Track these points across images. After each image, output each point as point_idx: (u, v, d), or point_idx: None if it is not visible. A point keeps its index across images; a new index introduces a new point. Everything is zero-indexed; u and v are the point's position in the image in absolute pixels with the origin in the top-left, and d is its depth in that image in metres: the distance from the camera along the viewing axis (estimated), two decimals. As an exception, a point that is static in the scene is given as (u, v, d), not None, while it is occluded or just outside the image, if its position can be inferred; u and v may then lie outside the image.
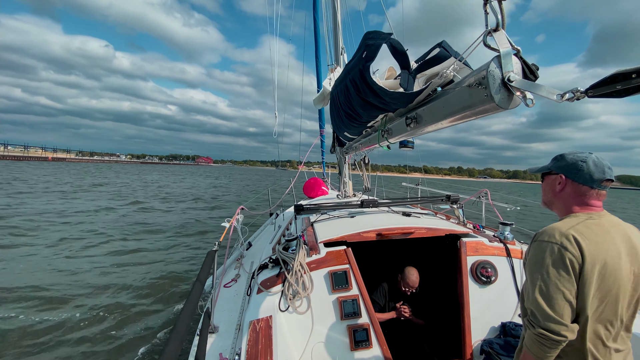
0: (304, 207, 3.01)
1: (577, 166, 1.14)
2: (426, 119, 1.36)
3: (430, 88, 1.24)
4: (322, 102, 4.33)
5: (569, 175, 1.16)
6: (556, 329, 1.00)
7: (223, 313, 2.42)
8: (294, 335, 1.99)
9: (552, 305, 1.01)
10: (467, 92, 0.99)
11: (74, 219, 10.63)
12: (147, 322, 4.36)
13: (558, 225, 1.11)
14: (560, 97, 0.74)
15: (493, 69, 0.87)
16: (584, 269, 1.02)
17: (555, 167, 1.20)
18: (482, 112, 0.97)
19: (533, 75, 0.85)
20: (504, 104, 0.87)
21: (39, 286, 5.25)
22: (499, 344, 2.02)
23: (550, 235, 1.07)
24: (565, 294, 1.01)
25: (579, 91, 0.71)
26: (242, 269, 3.11)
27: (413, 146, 2.50)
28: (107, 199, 16.27)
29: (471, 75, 0.96)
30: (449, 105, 1.14)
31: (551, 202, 1.26)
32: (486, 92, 0.88)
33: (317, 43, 7.02)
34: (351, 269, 2.20)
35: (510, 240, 2.51)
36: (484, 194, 3.65)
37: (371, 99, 1.62)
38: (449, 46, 1.28)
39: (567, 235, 1.05)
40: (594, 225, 1.09)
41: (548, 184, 1.25)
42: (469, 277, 2.25)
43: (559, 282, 1.01)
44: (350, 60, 1.85)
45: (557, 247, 1.03)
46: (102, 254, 7.20)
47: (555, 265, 1.02)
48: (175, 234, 9.56)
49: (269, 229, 4.64)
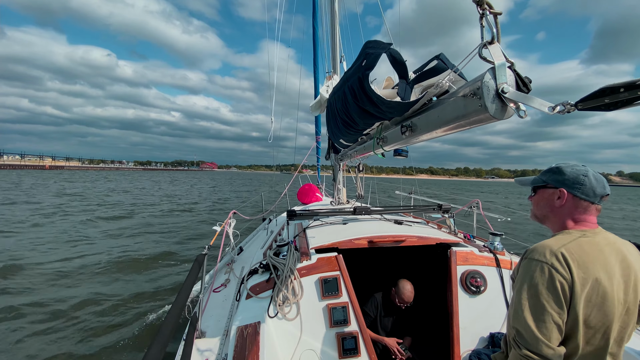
0: (296, 212, 3.00)
1: (579, 180, 1.09)
2: (421, 128, 1.38)
3: (426, 98, 1.27)
4: (319, 109, 4.36)
5: (570, 190, 1.10)
6: (543, 352, 0.96)
7: (211, 318, 2.37)
8: (282, 342, 1.96)
9: (539, 327, 0.97)
10: (462, 102, 1.01)
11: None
12: (132, 326, 4.24)
13: (549, 243, 1.06)
14: (552, 110, 0.77)
15: (487, 80, 0.89)
16: (574, 292, 0.98)
17: (553, 181, 1.14)
18: (476, 122, 1.00)
19: (526, 88, 0.87)
20: (498, 115, 0.89)
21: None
22: (487, 355, 2.02)
23: (541, 254, 1.03)
24: (553, 316, 0.97)
25: (569, 104, 0.73)
26: (232, 274, 3.07)
27: (407, 155, 2.54)
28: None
29: (466, 86, 0.99)
30: (444, 114, 1.16)
31: (546, 217, 1.20)
32: (480, 102, 0.90)
33: (315, 50, 7.10)
34: (342, 275, 2.18)
35: (500, 251, 2.53)
36: (475, 204, 3.70)
37: (368, 107, 1.64)
38: (446, 59, 1.31)
39: (557, 255, 1.00)
40: (586, 244, 1.05)
41: (544, 198, 1.18)
42: (458, 286, 2.26)
43: (547, 303, 0.97)
44: (349, 68, 1.88)
45: (547, 267, 0.99)
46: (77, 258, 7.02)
47: (544, 286, 0.98)
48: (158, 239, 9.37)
49: (262, 234, 4.61)
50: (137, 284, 5.70)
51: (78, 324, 4.21)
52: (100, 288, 5.43)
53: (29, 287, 5.25)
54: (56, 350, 3.64)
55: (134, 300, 5.02)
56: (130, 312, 4.63)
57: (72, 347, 3.74)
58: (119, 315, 4.53)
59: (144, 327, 4.21)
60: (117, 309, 4.69)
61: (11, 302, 4.63)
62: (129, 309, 4.72)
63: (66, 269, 6.21)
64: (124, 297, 5.08)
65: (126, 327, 4.22)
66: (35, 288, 5.26)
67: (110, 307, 4.75)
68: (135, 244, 8.63)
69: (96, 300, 4.91)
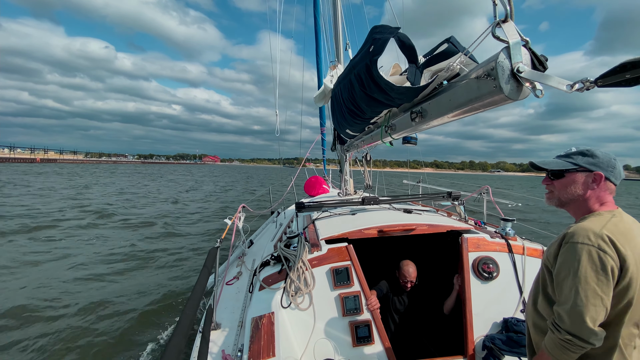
0: (305, 204, 3.01)
1: (612, 164, 1.11)
2: (432, 113, 1.36)
3: (437, 82, 1.24)
4: (323, 100, 4.32)
5: (606, 174, 1.11)
6: (586, 336, 0.97)
7: (225, 310, 2.42)
8: (296, 332, 2.00)
9: (588, 312, 0.97)
10: (474, 84, 0.99)
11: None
12: (151, 319, 4.37)
13: (590, 226, 1.05)
14: (570, 88, 0.75)
15: (502, 60, 0.87)
16: (622, 272, 0.98)
17: (589, 165, 1.13)
18: (491, 103, 0.97)
19: (542, 66, 0.85)
20: (513, 95, 0.87)
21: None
22: (500, 340, 2.03)
23: (585, 237, 1.02)
24: (603, 299, 0.97)
25: (589, 81, 0.71)
26: (244, 267, 3.12)
27: (416, 142, 2.51)
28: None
29: (479, 67, 0.97)
30: (455, 97, 1.14)
31: (573, 200, 1.18)
32: (495, 83, 0.88)
33: (317, 40, 7.00)
34: (352, 265, 2.20)
35: (512, 236, 2.52)
36: (485, 190, 3.65)
37: (376, 94, 1.62)
38: (457, 41, 1.28)
39: (603, 237, 1.00)
40: (620, 223, 1.06)
41: (574, 182, 1.15)
42: (470, 273, 2.26)
43: (598, 287, 0.97)
44: (355, 56, 1.85)
45: (595, 249, 0.98)
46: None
47: (594, 270, 0.97)
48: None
49: (271, 227, 4.64)
50: (147, 281, 5.83)
51: (97, 320, 4.35)
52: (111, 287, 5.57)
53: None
54: (83, 343, 3.78)
55: (145, 295, 5.15)
56: (144, 307, 4.76)
57: (93, 339, 3.88)
58: (134, 308, 4.66)
59: (162, 319, 4.34)
60: (128, 303, 4.83)
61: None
62: (141, 303, 4.86)
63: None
64: (135, 292, 5.22)
65: (143, 320, 4.35)
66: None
67: (123, 301, 4.89)
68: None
69: (106, 299, 5.06)
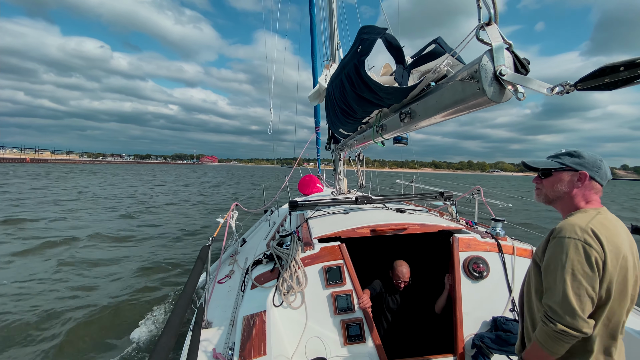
0: (298, 203, 3.01)
1: (597, 164, 1.17)
2: (420, 114, 1.36)
3: (424, 83, 1.25)
4: (318, 99, 4.31)
5: (591, 173, 1.16)
6: (579, 326, 1.01)
7: (217, 309, 2.41)
8: (288, 330, 2.00)
9: (576, 303, 1.01)
10: (459, 86, 1.00)
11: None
12: (141, 317, 4.33)
13: (576, 221, 1.10)
14: (551, 91, 0.75)
15: (485, 63, 0.87)
16: (606, 265, 1.02)
17: (575, 164, 1.19)
18: (475, 105, 0.98)
19: (524, 70, 0.86)
20: (496, 98, 0.88)
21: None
22: (490, 338, 2.05)
23: (571, 232, 1.06)
24: (588, 290, 1.01)
25: (569, 84, 0.72)
26: (236, 265, 3.11)
27: (407, 142, 2.52)
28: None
29: (464, 69, 0.97)
30: (442, 99, 1.14)
31: (560, 198, 1.24)
32: (478, 85, 0.89)
33: (312, 39, 6.99)
34: (345, 264, 2.21)
35: (502, 236, 2.54)
36: (476, 191, 3.68)
37: (366, 94, 1.62)
38: (444, 42, 1.29)
39: (588, 231, 1.05)
40: (604, 220, 1.11)
41: (561, 180, 1.22)
42: (461, 272, 2.28)
43: (584, 279, 1.01)
44: (345, 55, 1.85)
45: (580, 243, 1.03)
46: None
47: (580, 262, 1.02)
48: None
49: (264, 226, 4.63)
50: (140, 277, 5.79)
51: (83, 317, 4.30)
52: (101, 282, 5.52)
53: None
54: (67, 346, 3.73)
55: (139, 292, 5.11)
56: (136, 304, 4.73)
57: (80, 339, 3.83)
58: (126, 308, 4.62)
59: (152, 318, 4.30)
60: (123, 302, 4.78)
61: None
62: (135, 300, 4.82)
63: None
64: (129, 290, 5.17)
65: (134, 318, 4.31)
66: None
67: (118, 299, 4.84)
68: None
69: (100, 293, 5.00)
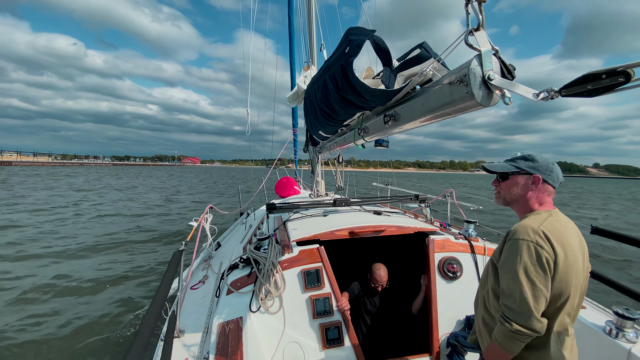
0: (276, 205, 2.95)
1: (549, 168, 1.24)
2: (405, 117, 1.38)
3: (410, 86, 1.26)
4: (296, 101, 4.28)
5: (543, 177, 1.23)
6: (532, 326, 1.05)
7: (190, 316, 2.29)
8: (265, 336, 1.94)
9: (530, 302, 1.05)
10: (447, 89, 1.02)
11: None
12: (109, 328, 4.02)
13: (528, 223, 1.15)
14: (536, 96, 0.78)
15: (474, 67, 0.90)
16: (557, 265, 1.07)
17: (530, 168, 1.25)
18: (462, 109, 1.00)
19: (510, 75, 0.89)
20: (484, 101, 0.90)
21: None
22: (464, 337, 2.11)
23: (524, 233, 1.11)
24: (542, 290, 1.05)
25: (553, 90, 0.75)
26: (210, 270, 2.98)
27: (387, 145, 2.56)
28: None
29: (452, 73, 0.99)
30: (429, 102, 1.16)
31: (516, 200, 1.29)
32: (467, 89, 0.91)
33: (291, 40, 6.94)
34: (324, 267, 2.19)
35: (474, 238, 2.64)
36: (449, 193, 3.82)
37: (351, 96, 1.61)
38: (429, 47, 1.32)
39: (539, 233, 1.09)
40: (555, 222, 1.17)
41: (516, 183, 1.27)
42: (436, 273, 2.34)
43: (537, 279, 1.05)
44: (330, 57, 1.83)
45: (532, 245, 1.08)
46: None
47: (532, 263, 1.06)
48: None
49: (240, 229, 4.50)
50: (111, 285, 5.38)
51: (52, 328, 3.92)
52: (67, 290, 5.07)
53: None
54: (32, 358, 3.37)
55: (110, 301, 4.75)
56: (106, 312, 4.39)
57: (46, 351, 3.48)
58: (95, 317, 4.27)
59: (121, 327, 4.01)
60: (92, 310, 4.42)
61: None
62: (104, 309, 4.47)
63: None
64: (99, 298, 4.79)
65: (102, 328, 4.00)
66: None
67: (86, 308, 4.47)
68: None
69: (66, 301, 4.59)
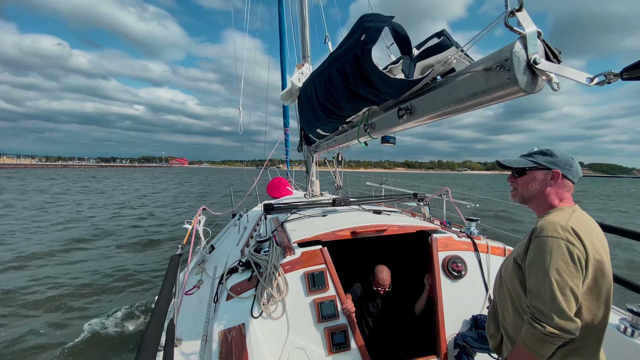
0: (274, 206, 2.84)
1: (569, 163, 1.19)
2: (423, 109, 1.31)
3: (432, 75, 1.19)
4: (290, 99, 4.17)
5: (563, 172, 1.18)
6: (567, 327, 0.99)
7: (186, 323, 2.15)
8: (269, 343, 1.85)
9: (565, 302, 0.99)
10: (482, 76, 0.95)
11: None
12: (107, 340, 3.82)
13: (556, 219, 1.09)
14: (590, 81, 0.72)
15: (518, 50, 0.83)
16: (588, 263, 1.02)
17: (548, 163, 1.20)
18: (500, 97, 0.93)
19: (556, 59, 0.83)
20: (528, 88, 0.83)
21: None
22: (472, 337, 2.07)
23: (553, 230, 1.05)
24: (574, 289, 1.00)
25: (612, 74, 0.69)
26: (204, 274, 2.83)
27: (395, 142, 2.50)
28: None
29: (489, 58, 0.92)
30: (456, 92, 1.09)
31: (534, 196, 1.24)
32: (509, 74, 0.84)
33: (281, 39, 6.82)
34: (327, 268, 2.11)
35: (476, 236, 2.62)
36: (445, 192, 3.81)
37: (361, 89, 1.53)
38: (449, 35, 1.25)
39: (569, 230, 1.04)
40: (580, 217, 1.12)
41: (534, 179, 1.22)
42: (441, 272, 2.29)
43: (569, 278, 1.00)
44: (337, 48, 1.75)
45: (563, 242, 1.02)
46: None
47: (564, 262, 1.01)
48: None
49: (233, 231, 4.34)
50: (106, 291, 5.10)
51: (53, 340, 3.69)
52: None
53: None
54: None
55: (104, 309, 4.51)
56: (104, 321, 4.18)
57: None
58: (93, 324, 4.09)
59: (120, 335, 3.82)
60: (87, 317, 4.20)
61: None
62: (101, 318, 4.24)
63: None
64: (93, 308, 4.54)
65: (102, 336, 3.83)
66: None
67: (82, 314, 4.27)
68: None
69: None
